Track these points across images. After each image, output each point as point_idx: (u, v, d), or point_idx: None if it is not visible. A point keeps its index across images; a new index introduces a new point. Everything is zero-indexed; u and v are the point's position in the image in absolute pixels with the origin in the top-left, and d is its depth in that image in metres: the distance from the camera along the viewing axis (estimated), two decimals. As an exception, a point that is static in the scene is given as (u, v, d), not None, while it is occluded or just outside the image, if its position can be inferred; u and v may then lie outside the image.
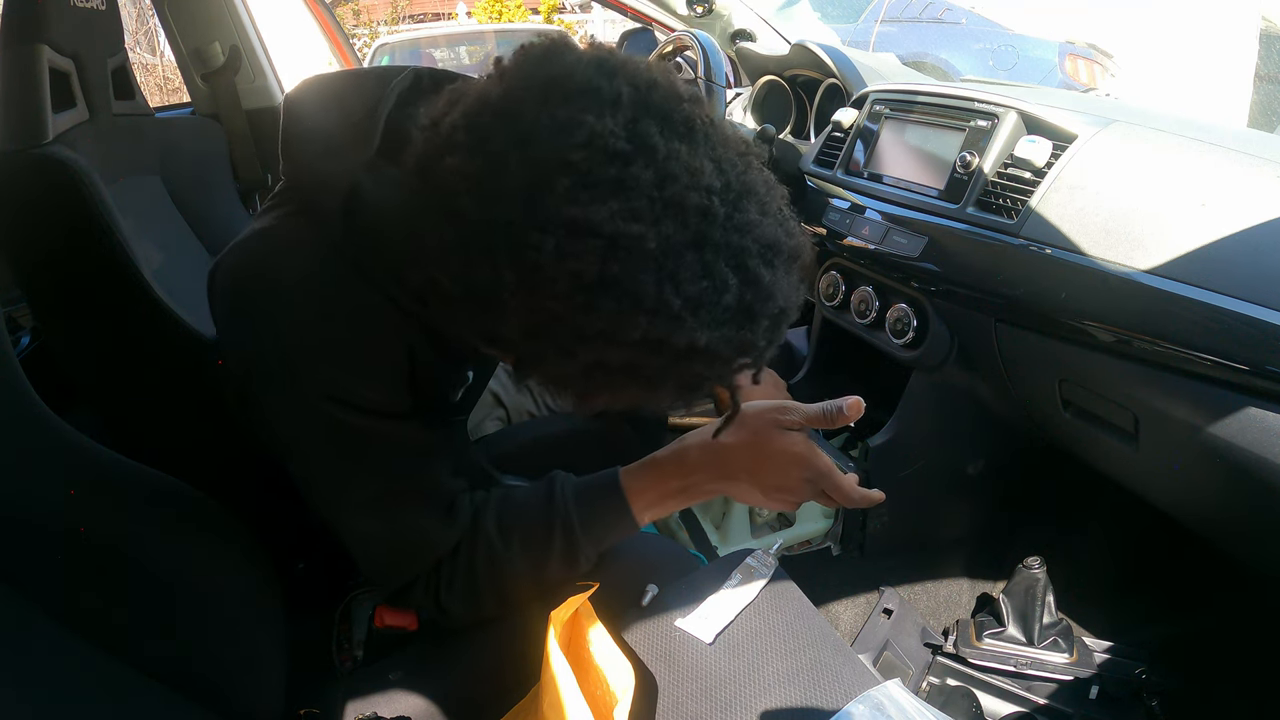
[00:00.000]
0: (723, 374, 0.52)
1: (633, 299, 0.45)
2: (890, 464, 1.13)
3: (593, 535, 0.67)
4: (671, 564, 0.77)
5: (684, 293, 0.46)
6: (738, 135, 0.52)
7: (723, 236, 0.47)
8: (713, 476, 0.69)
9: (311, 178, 0.61)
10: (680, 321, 0.46)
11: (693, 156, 0.47)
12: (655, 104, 0.47)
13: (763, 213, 0.49)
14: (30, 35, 0.95)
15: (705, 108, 0.50)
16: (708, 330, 0.47)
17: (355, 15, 7.96)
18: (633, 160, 0.44)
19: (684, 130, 0.47)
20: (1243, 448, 0.68)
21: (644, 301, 0.45)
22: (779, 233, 0.50)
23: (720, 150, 0.49)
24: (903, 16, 4.21)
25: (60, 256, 0.95)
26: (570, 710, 0.56)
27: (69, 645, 0.55)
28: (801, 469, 0.68)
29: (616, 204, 0.44)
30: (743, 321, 0.48)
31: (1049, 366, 0.89)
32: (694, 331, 0.46)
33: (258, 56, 1.69)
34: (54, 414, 0.61)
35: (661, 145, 0.45)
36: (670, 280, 0.45)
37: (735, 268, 0.47)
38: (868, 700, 0.57)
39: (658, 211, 0.45)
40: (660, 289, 0.45)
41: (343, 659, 0.79)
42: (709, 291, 0.46)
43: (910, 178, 1.05)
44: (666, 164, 0.45)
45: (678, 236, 0.45)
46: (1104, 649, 1.10)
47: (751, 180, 0.50)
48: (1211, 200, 0.72)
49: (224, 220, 1.39)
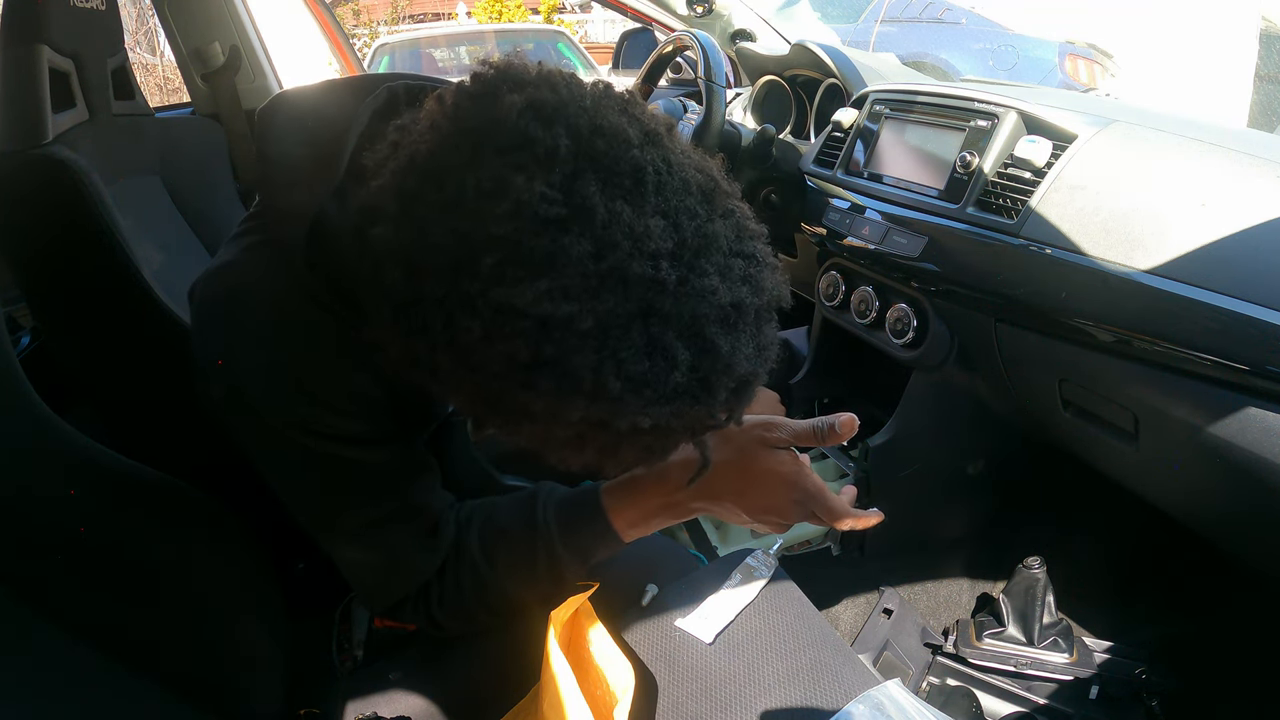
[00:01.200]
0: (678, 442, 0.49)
1: (571, 381, 0.42)
2: (890, 464, 1.13)
3: (577, 555, 0.66)
4: (671, 564, 0.77)
5: (625, 373, 0.42)
6: (706, 170, 0.47)
7: (673, 306, 0.42)
8: (695, 496, 0.65)
9: (276, 209, 0.59)
10: (621, 404, 0.42)
11: (638, 217, 0.42)
12: (598, 153, 0.42)
13: (724, 271, 0.44)
14: (30, 35, 0.95)
15: (666, 142, 0.45)
16: (654, 408, 0.43)
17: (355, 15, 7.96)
18: (567, 228, 0.40)
19: (631, 184, 0.42)
20: (1243, 448, 0.68)
21: (581, 385, 0.42)
22: (743, 291, 0.45)
23: (676, 200, 0.44)
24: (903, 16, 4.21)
25: (60, 256, 0.95)
26: (570, 710, 0.55)
27: (69, 646, 0.55)
28: (789, 490, 0.64)
29: (546, 283, 0.40)
30: (697, 396, 0.44)
31: (1049, 366, 0.89)
32: (636, 415, 0.43)
33: (258, 56, 1.69)
34: (54, 414, 0.61)
35: (601, 207, 0.41)
36: (611, 360, 0.41)
37: (689, 338, 0.43)
38: (868, 700, 0.57)
39: (594, 286, 0.41)
40: (598, 371, 0.41)
41: (343, 659, 0.79)
42: (655, 370, 0.42)
43: (910, 178, 1.04)
44: (606, 231, 0.41)
45: (619, 310, 0.41)
46: (1104, 649, 1.10)
47: (713, 231, 0.44)
48: (1211, 200, 0.72)
49: (224, 220, 1.39)
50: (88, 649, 0.56)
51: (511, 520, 0.67)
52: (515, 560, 0.66)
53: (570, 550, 0.65)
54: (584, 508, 0.67)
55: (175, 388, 0.99)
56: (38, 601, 0.55)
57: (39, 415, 0.60)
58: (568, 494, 0.69)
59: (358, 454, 0.61)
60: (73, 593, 0.58)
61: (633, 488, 0.66)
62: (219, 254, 0.62)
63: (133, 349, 1.00)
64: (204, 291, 0.60)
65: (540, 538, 0.65)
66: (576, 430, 0.45)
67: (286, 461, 0.60)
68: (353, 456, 0.61)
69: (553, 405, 0.43)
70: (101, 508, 0.62)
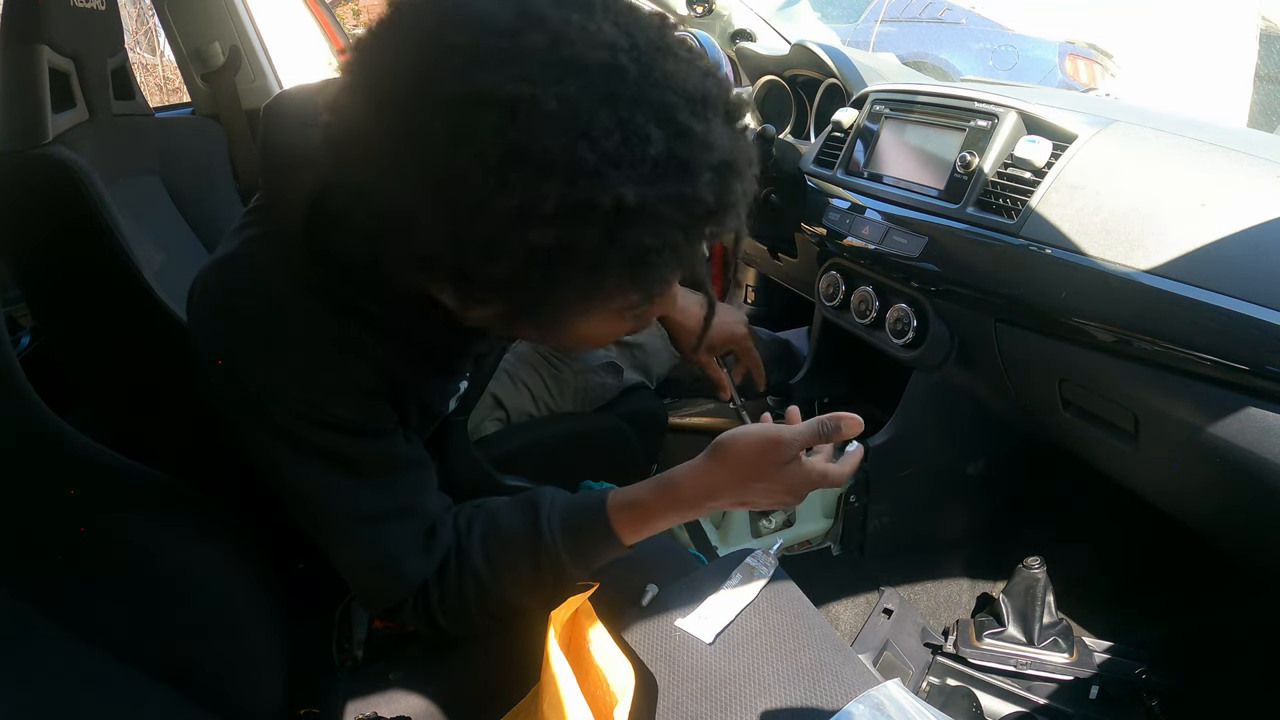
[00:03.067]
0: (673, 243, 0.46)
1: (543, 164, 0.41)
2: (890, 464, 1.13)
3: (580, 561, 0.66)
4: (671, 564, 0.77)
5: (598, 148, 0.42)
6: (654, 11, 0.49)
7: (638, 92, 0.43)
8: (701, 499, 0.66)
9: (277, 201, 0.60)
10: (600, 177, 0.42)
11: (589, 20, 0.43)
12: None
13: (686, 69, 0.45)
14: (30, 35, 0.95)
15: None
16: (636, 186, 0.43)
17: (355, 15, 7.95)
18: (521, 32, 0.42)
19: (580, 4, 0.44)
20: (1243, 448, 0.68)
21: (555, 164, 0.42)
22: (709, 84, 0.46)
23: (626, 17, 0.45)
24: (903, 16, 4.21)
25: (60, 257, 0.95)
26: (570, 710, 0.55)
27: (69, 645, 0.55)
28: (795, 496, 0.67)
29: (507, 70, 0.41)
30: (678, 175, 0.44)
31: (1049, 366, 0.89)
32: (618, 187, 0.42)
33: (258, 56, 1.69)
34: (54, 414, 0.61)
35: (552, 14, 0.43)
36: (582, 138, 0.42)
37: (659, 121, 0.43)
38: (868, 700, 0.57)
39: (554, 74, 0.42)
40: (570, 149, 0.41)
41: (343, 659, 0.79)
42: (629, 146, 0.42)
43: (910, 178, 1.04)
44: (560, 28, 0.42)
45: (583, 95, 0.42)
46: (1104, 649, 1.10)
47: (668, 41, 0.46)
48: (1211, 200, 0.72)
49: (224, 220, 1.39)
50: (88, 648, 0.56)
51: (514, 527, 0.67)
52: (519, 567, 0.66)
53: (574, 557, 0.66)
54: (589, 515, 0.67)
55: (175, 387, 0.99)
56: (38, 601, 0.55)
57: (39, 415, 0.60)
58: (572, 500, 0.68)
59: (356, 446, 0.61)
60: (72, 592, 0.58)
61: (639, 505, 0.67)
62: (219, 247, 0.63)
63: (133, 349, 1.00)
64: (204, 284, 0.61)
65: (545, 546, 0.65)
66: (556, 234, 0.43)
67: (284, 455, 0.61)
68: (351, 449, 0.61)
69: (527, 198, 0.42)
70: (101, 508, 0.62)
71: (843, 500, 1.13)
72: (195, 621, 0.64)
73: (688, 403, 1.40)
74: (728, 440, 0.66)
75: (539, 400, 1.14)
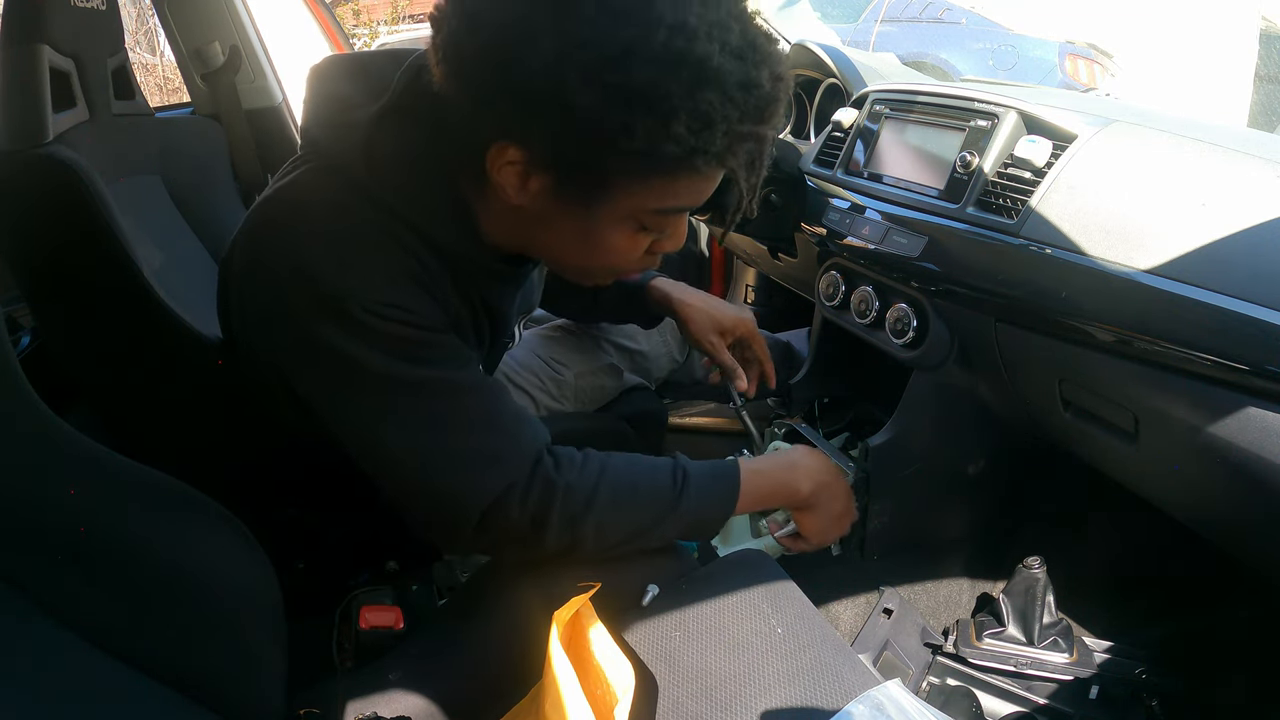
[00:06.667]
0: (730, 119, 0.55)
1: (654, 16, 0.51)
2: (890, 464, 1.13)
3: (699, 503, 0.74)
4: (672, 564, 0.77)
5: (697, 17, 0.52)
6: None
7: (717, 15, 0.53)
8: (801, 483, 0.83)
9: (328, 137, 0.65)
10: (695, 37, 0.52)
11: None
12: None
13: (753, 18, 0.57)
14: (30, 35, 0.95)
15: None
16: (719, 53, 0.52)
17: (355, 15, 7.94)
18: None
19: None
20: (1243, 448, 0.68)
21: (663, 18, 0.51)
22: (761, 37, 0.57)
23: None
24: (903, 16, 4.21)
25: (60, 256, 0.95)
26: (571, 710, 0.56)
27: (69, 645, 0.55)
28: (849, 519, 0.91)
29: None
30: (746, 64, 0.54)
31: (1049, 366, 0.89)
32: (708, 46, 0.52)
33: (258, 56, 1.69)
34: (54, 414, 0.61)
35: None
36: (685, 7, 0.52)
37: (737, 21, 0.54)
38: (868, 700, 0.57)
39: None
40: (677, 11, 0.51)
41: (343, 659, 0.79)
42: (717, 26, 0.53)
43: (910, 178, 1.04)
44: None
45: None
46: (1104, 649, 1.10)
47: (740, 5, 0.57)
48: (1211, 200, 0.72)
49: (224, 220, 1.39)
50: (87, 648, 0.56)
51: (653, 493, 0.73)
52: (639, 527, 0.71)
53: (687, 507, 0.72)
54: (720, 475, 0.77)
55: (176, 387, 1.00)
56: (37, 600, 0.55)
57: (39, 415, 0.60)
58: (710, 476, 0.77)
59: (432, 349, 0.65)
60: (72, 592, 0.58)
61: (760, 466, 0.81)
62: (271, 185, 0.68)
63: (133, 349, 1.00)
64: (264, 209, 0.65)
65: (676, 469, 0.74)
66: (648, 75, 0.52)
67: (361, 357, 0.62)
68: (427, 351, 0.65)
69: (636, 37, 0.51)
70: (102, 507, 0.61)
71: (843, 500, 1.13)
72: (195, 621, 0.64)
73: (688, 403, 1.40)
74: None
75: (539, 402, 1.14)
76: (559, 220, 0.64)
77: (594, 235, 0.64)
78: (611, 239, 0.64)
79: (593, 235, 0.64)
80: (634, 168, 0.57)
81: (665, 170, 0.58)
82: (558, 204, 0.61)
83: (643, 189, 0.60)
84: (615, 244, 0.65)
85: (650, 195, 0.60)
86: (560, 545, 0.69)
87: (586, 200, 0.61)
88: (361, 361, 0.62)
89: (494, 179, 0.61)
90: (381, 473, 0.68)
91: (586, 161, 0.57)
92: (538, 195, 0.61)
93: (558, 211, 0.62)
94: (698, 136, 0.54)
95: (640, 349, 1.26)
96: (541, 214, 0.63)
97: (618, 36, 0.51)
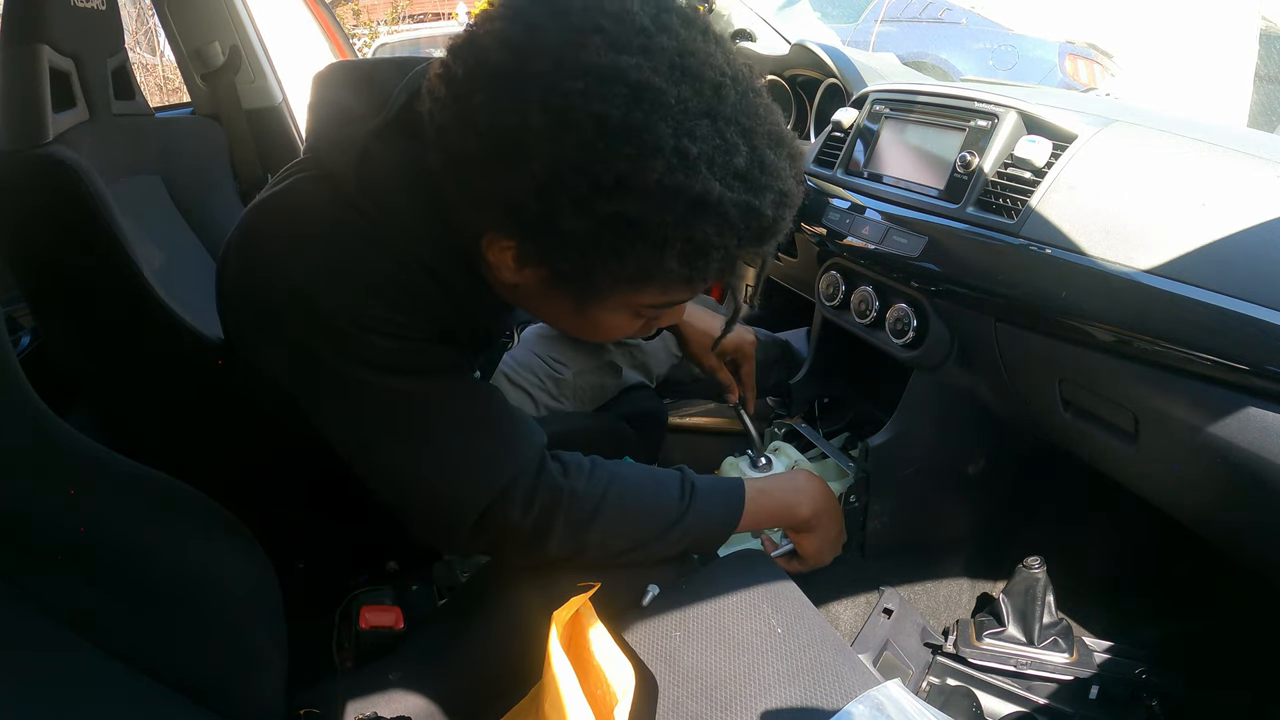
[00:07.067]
0: (728, 245, 0.54)
1: (652, 145, 0.49)
2: (890, 464, 1.13)
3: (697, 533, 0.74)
4: (672, 564, 0.77)
5: (699, 146, 0.50)
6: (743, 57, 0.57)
7: (733, 114, 0.51)
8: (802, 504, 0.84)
9: (326, 147, 0.64)
10: (695, 170, 0.50)
11: (707, 45, 0.52)
12: (675, 6, 0.53)
13: (768, 108, 0.55)
14: (30, 35, 0.95)
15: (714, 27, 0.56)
16: (719, 185, 0.50)
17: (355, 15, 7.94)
18: (656, 35, 0.50)
19: (701, 29, 0.53)
20: (1243, 448, 0.68)
21: (662, 148, 0.49)
22: (783, 129, 0.55)
23: (729, 52, 0.54)
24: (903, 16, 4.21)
25: (60, 256, 0.95)
26: (571, 710, 0.56)
27: (68, 645, 0.55)
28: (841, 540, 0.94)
29: (642, 59, 0.49)
30: (751, 188, 0.52)
31: (1049, 366, 0.89)
32: (707, 181, 0.50)
33: (258, 56, 1.69)
34: (54, 414, 0.61)
35: (682, 30, 0.51)
36: (687, 135, 0.49)
37: (744, 141, 0.52)
38: (868, 700, 0.57)
39: (677, 76, 0.50)
40: (678, 139, 0.49)
41: (343, 659, 0.79)
42: (720, 151, 0.51)
43: (910, 178, 1.04)
44: (686, 43, 0.51)
45: (694, 102, 0.50)
46: (1104, 649, 1.10)
47: (757, 83, 0.55)
48: (1211, 200, 0.72)
49: (224, 220, 1.39)
50: (87, 648, 0.56)
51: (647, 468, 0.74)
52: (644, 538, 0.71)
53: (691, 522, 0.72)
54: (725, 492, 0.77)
55: (176, 387, 1.00)
56: (38, 601, 0.55)
57: (39, 415, 0.60)
58: (714, 493, 0.77)
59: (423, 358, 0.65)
60: (72, 592, 0.58)
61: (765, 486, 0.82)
62: (265, 189, 0.67)
63: (133, 349, 1.00)
64: (258, 211, 0.65)
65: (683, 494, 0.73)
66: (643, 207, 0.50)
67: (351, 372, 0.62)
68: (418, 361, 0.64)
69: (630, 169, 0.49)
70: (102, 508, 0.61)
71: (842, 500, 1.13)
72: (195, 621, 0.64)
73: (688, 403, 1.40)
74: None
75: (539, 402, 1.14)
76: (554, 300, 0.63)
77: (589, 319, 0.64)
78: (608, 322, 0.64)
79: (588, 319, 0.64)
80: (626, 284, 0.58)
81: (660, 283, 0.58)
82: (553, 290, 0.61)
83: (638, 293, 0.60)
84: (612, 325, 0.65)
85: (646, 296, 0.60)
86: (563, 552, 0.69)
87: (580, 296, 0.60)
88: (349, 372, 0.62)
89: (487, 257, 0.60)
90: (373, 478, 0.68)
91: (577, 273, 0.56)
92: (532, 279, 0.60)
93: (553, 294, 0.62)
94: (692, 265, 0.54)
95: (638, 343, 1.26)
96: (536, 292, 0.63)
97: (613, 164, 0.49)
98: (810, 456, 1.19)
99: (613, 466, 0.73)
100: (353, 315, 0.60)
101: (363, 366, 0.62)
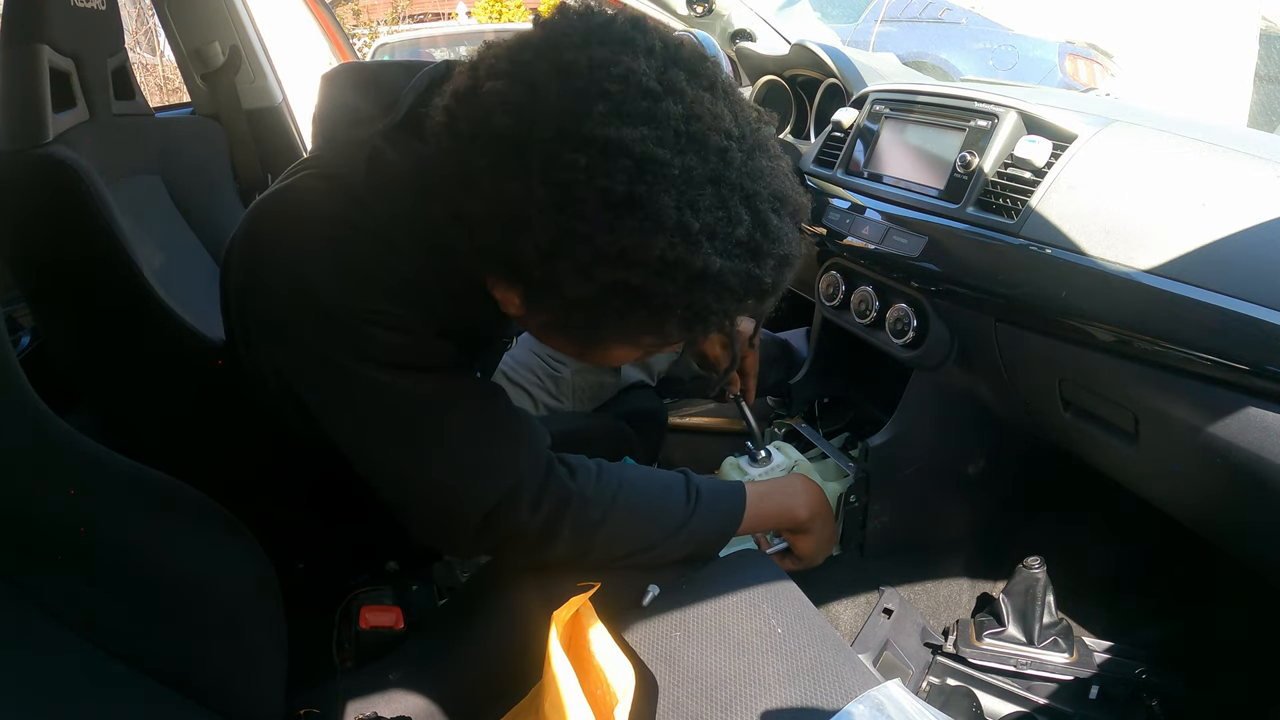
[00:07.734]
0: (727, 310, 0.55)
1: (655, 220, 0.48)
2: (890, 464, 1.13)
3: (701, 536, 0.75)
4: (672, 564, 0.77)
5: (701, 219, 0.49)
6: (750, 103, 0.57)
7: (738, 178, 0.51)
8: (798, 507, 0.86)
9: (334, 147, 0.64)
10: (697, 245, 0.49)
11: (714, 104, 0.51)
12: (684, 58, 0.52)
13: (773, 166, 0.54)
14: (30, 35, 0.95)
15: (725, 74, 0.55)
16: (720, 258, 0.50)
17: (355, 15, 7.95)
18: (663, 98, 0.49)
19: (708, 83, 0.52)
20: (1243, 448, 0.68)
21: (665, 222, 0.49)
22: (787, 186, 0.55)
23: (737, 106, 0.53)
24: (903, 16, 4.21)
25: (60, 257, 0.95)
26: (571, 710, 0.56)
27: (69, 645, 0.55)
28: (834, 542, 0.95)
29: (647, 130, 0.48)
30: (752, 256, 0.52)
31: (1049, 366, 0.89)
32: (709, 256, 0.50)
33: (258, 56, 1.69)
34: (54, 414, 0.61)
35: (689, 90, 0.50)
36: (690, 207, 0.49)
37: (747, 208, 0.51)
38: (868, 700, 0.57)
39: (682, 144, 0.49)
40: (681, 213, 0.49)
41: (343, 659, 0.79)
42: (723, 222, 0.50)
43: (910, 178, 1.04)
44: (692, 105, 0.50)
45: (698, 170, 0.49)
46: (1104, 649, 1.10)
47: (764, 137, 0.54)
48: (1211, 200, 0.72)
49: (224, 221, 1.39)
50: (87, 649, 0.56)
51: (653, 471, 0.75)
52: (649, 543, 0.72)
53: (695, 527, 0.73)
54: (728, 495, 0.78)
55: (176, 387, 1.00)
56: (38, 601, 0.55)
57: (39, 415, 0.60)
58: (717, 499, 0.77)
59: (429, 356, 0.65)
60: (72, 592, 0.58)
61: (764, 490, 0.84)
62: (271, 187, 0.67)
63: (133, 349, 1.00)
64: (263, 207, 0.64)
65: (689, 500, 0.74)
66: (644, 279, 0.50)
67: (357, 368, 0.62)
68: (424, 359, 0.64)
69: (633, 244, 0.49)
70: (102, 508, 0.61)
71: (842, 500, 1.13)
72: (195, 621, 0.64)
73: (688, 402, 1.40)
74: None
75: (538, 400, 1.14)
76: (559, 334, 0.63)
77: (592, 354, 0.65)
78: (611, 355, 0.65)
79: (592, 354, 0.65)
80: (628, 337, 0.59)
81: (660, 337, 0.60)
82: (555, 332, 0.62)
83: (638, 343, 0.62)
84: (614, 357, 0.66)
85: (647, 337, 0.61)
86: (567, 555, 0.69)
87: (583, 341, 0.61)
88: (356, 369, 0.62)
89: (493, 294, 0.61)
90: (377, 477, 0.68)
91: (579, 324, 0.57)
92: (535, 320, 0.61)
93: (556, 335, 0.63)
94: (691, 328, 0.55)
95: None
96: (541, 327, 0.63)
97: (616, 239, 0.49)
98: (810, 456, 1.19)
99: (619, 470, 0.73)
100: (359, 311, 0.60)
101: (369, 363, 0.62)
